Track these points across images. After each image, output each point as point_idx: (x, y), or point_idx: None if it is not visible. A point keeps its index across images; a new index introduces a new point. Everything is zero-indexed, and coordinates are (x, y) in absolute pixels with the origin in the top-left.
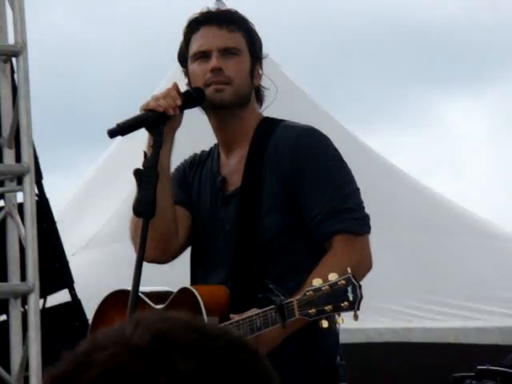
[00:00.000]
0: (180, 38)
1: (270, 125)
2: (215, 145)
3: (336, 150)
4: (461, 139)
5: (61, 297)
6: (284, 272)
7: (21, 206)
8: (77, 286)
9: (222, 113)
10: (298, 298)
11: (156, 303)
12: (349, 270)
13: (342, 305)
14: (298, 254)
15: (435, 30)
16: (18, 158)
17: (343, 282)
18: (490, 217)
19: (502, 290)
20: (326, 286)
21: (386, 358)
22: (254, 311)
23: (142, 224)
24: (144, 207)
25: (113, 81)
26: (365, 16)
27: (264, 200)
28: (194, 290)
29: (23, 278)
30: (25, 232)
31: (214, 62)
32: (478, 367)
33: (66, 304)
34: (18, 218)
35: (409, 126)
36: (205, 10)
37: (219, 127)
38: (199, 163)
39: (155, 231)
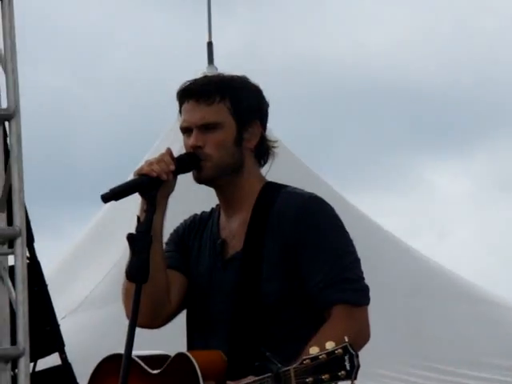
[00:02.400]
0: (168, 104)
1: (273, 190)
2: (217, 205)
3: (339, 219)
4: (447, 202)
5: (51, 360)
6: (282, 338)
7: (12, 269)
8: (67, 350)
9: (215, 186)
10: (294, 366)
11: (152, 367)
12: (346, 339)
13: (339, 374)
14: (297, 320)
15: (420, 93)
16: (10, 221)
17: (340, 350)
18: (475, 280)
19: (492, 356)
20: (323, 355)
21: None
22: (250, 379)
23: (135, 289)
24: (137, 272)
25: (103, 140)
26: (353, 79)
27: (265, 266)
28: (189, 356)
29: (13, 341)
30: (15, 295)
31: (192, 140)
32: None
33: (56, 368)
34: (8, 281)
35: (394, 188)
36: (187, 82)
37: (218, 193)
38: (200, 224)
39: (146, 297)
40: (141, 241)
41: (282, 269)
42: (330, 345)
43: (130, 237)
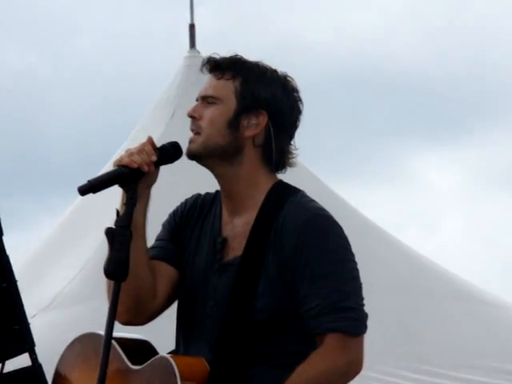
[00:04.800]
0: (147, 90)
1: (282, 194)
2: (219, 192)
3: (345, 241)
4: (434, 193)
5: (20, 361)
6: (270, 352)
7: None
8: (38, 350)
9: (207, 167)
10: None
11: (132, 359)
12: None
13: None
14: (288, 336)
15: (409, 80)
16: None
17: None
18: (465, 273)
19: (488, 358)
20: None
21: None
22: None
23: (114, 287)
24: (115, 269)
25: (76, 128)
26: (337, 66)
27: (262, 281)
28: (170, 359)
29: None
30: None
31: (189, 109)
32: None
33: (26, 369)
34: None
35: (380, 178)
36: (213, 54)
37: (219, 184)
38: (201, 210)
39: (127, 294)
40: (120, 236)
41: (279, 286)
42: None
43: (108, 232)
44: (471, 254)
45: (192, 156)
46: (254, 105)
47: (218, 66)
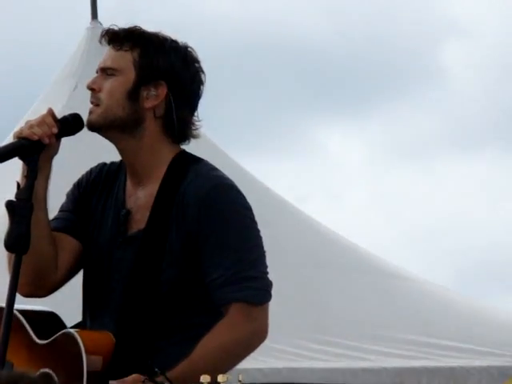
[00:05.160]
0: (47, 62)
1: (184, 164)
2: (124, 162)
3: (248, 210)
4: (339, 165)
5: None
6: (174, 325)
7: None
8: None
9: (109, 139)
10: None
11: (39, 334)
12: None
13: None
14: (194, 308)
15: (315, 54)
16: None
17: None
18: (368, 245)
19: (391, 329)
20: None
21: None
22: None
23: (14, 260)
24: (16, 242)
25: None
26: (243, 38)
27: (166, 253)
28: (75, 335)
29: None
30: None
31: (89, 81)
32: None
33: None
34: None
35: (285, 150)
36: (111, 25)
37: (122, 157)
38: (106, 180)
39: (28, 266)
40: (21, 209)
41: (183, 257)
42: (222, 378)
43: (8, 204)
44: (375, 226)
45: (92, 127)
46: (153, 75)
47: (117, 38)
